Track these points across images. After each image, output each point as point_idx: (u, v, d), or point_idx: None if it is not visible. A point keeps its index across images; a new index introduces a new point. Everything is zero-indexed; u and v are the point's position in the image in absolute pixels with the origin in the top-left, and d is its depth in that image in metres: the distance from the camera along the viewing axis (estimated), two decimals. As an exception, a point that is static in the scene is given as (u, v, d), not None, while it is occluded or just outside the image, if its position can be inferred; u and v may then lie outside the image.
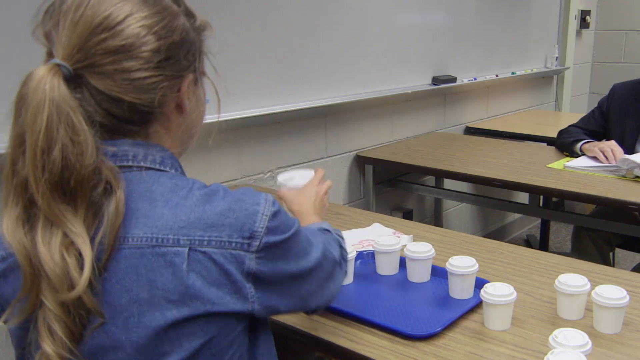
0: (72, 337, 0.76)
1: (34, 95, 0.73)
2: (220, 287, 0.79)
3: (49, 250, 0.74)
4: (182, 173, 0.89)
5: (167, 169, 0.85)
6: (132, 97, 0.79)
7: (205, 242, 0.78)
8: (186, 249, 0.77)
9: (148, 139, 0.85)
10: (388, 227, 1.81)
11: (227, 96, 0.98)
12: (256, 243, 0.80)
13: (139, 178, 0.82)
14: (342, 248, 1.07)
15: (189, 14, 0.88)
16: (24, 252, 0.74)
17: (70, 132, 0.74)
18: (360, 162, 2.82)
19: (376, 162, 2.78)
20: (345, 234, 1.75)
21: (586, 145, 2.50)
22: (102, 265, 0.77)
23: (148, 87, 0.80)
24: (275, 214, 0.83)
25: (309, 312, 1.02)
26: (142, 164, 0.83)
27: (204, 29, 0.91)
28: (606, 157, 2.36)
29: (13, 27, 1.61)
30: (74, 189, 0.74)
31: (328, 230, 1.09)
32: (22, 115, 0.74)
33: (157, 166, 0.84)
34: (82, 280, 0.73)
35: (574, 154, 2.57)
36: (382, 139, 2.97)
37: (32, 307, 0.76)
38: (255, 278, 0.81)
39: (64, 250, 0.74)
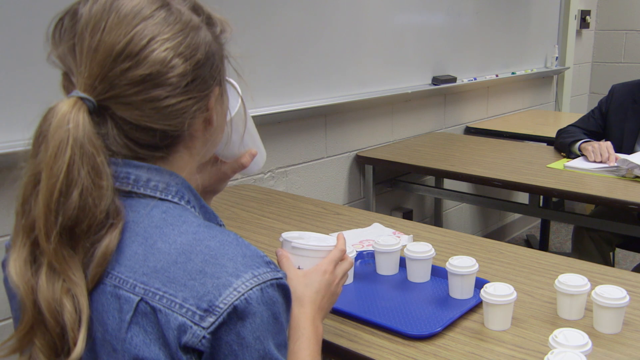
0: None
1: (56, 133, 0.69)
2: (161, 347, 0.69)
3: (52, 296, 0.70)
4: (192, 201, 0.81)
5: (169, 197, 0.77)
6: (163, 124, 0.74)
7: (157, 297, 0.69)
8: (137, 299, 0.70)
9: (167, 162, 0.79)
10: (388, 227, 1.81)
11: (251, 101, 0.95)
12: (211, 320, 0.67)
13: (133, 206, 0.75)
14: None
15: (210, 22, 0.81)
16: (31, 296, 0.71)
17: (93, 174, 0.69)
18: (360, 162, 2.82)
19: (376, 162, 2.78)
20: (345, 234, 1.75)
21: (584, 145, 2.50)
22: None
23: (178, 113, 0.75)
24: (251, 300, 0.68)
25: None
26: (141, 190, 0.76)
27: (223, 32, 0.84)
28: (597, 155, 2.37)
29: (13, 28, 1.61)
30: (82, 232, 0.70)
31: None
32: (41, 153, 0.69)
33: (158, 194, 0.77)
34: (79, 343, 0.69)
35: (571, 154, 2.57)
36: (382, 139, 2.97)
37: (22, 347, 0.73)
38: (193, 355, 0.69)
39: (64, 297, 0.70)
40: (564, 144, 2.63)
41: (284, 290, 0.73)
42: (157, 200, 0.76)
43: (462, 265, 1.31)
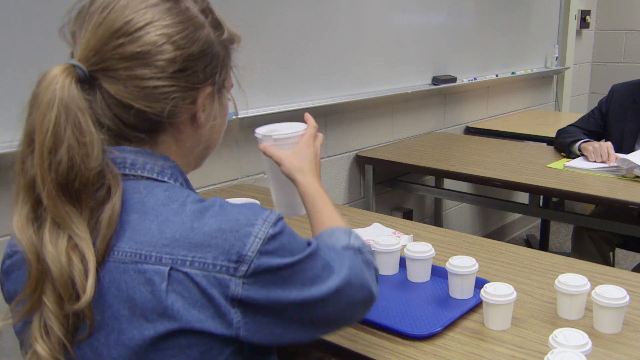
0: (66, 341, 0.75)
1: (45, 93, 0.74)
2: (201, 309, 0.74)
3: (56, 251, 0.73)
4: (184, 184, 0.86)
5: (166, 179, 0.83)
6: (142, 104, 0.78)
7: (187, 263, 0.74)
8: (167, 268, 0.74)
9: (155, 148, 0.84)
10: (388, 227, 1.81)
11: (245, 109, 1.00)
12: (244, 268, 0.75)
13: (134, 188, 0.80)
14: (375, 270, 0.98)
15: (217, 26, 0.86)
16: (34, 250, 0.74)
17: (77, 133, 0.73)
18: (360, 162, 2.82)
19: (376, 162, 2.78)
20: (345, 234, 1.75)
21: (584, 145, 2.50)
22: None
23: (159, 96, 0.79)
24: (273, 237, 0.77)
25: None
26: (139, 172, 0.81)
27: (232, 41, 0.89)
28: (597, 155, 2.37)
29: (13, 28, 1.61)
30: (78, 190, 0.74)
31: (359, 250, 0.97)
32: (33, 113, 0.75)
33: (155, 176, 0.82)
34: (88, 289, 0.73)
35: (571, 154, 2.57)
36: (382, 139, 2.97)
37: (33, 307, 0.75)
38: (243, 304, 0.76)
39: (70, 252, 0.73)
40: (563, 144, 2.63)
41: (282, 219, 0.82)
42: (153, 181, 0.81)
43: (462, 265, 1.31)
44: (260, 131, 1.19)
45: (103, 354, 0.76)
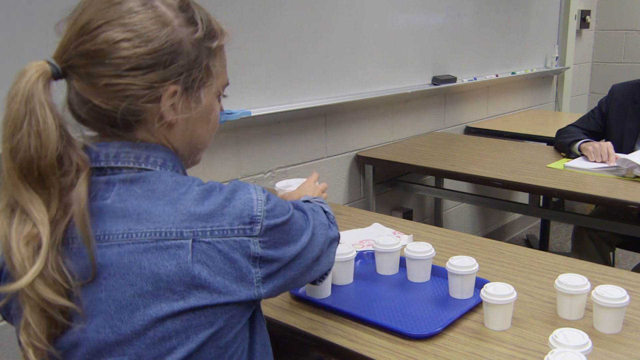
0: (50, 330, 0.78)
1: (13, 88, 0.78)
2: (225, 275, 0.81)
3: (17, 239, 0.77)
4: (179, 171, 0.90)
5: (168, 170, 0.87)
6: (100, 101, 0.81)
7: (208, 233, 0.80)
8: (189, 241, 0.79)
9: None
10: (388, 227, 1.81)
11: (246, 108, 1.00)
12: (257, 227, 0.83)
13: (142, 179, 0.84)
14: (326, 212, 1.07)
15: (191, 22, 0.85)
16: (4, 239, 0.78)
17: (34, 124, 0.76)
18: (360, 162, 2.82)
19: (376, 162, 2.78)
20: (345, 234, 1.75)
21: (584, 145, 2.50)
22: (91, 261, 0.79)
23: (114, 94, 0.81)
24: (268, 199, 0.86)
25: (316, 280, 1.04)
26: (143, 165, 0.85)
27: (211, 38, 0.88)
28: (597, 155, 2.37)
29: (13, 28, 1.61)
30: (39, 176, 0.77)
31: (308, 201, 1.11)
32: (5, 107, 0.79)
33: (158, 168, 0.86)
34: (28, 274, 0.75)
35: (571, 154, 2.57)
36: (382, 139, 2.97)
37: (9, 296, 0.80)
38: (262, 261, 0.84)
39: (29, 240, 0.77)
40: (563, 144, 2.63)
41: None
42: (160, 171, 0.85)
43: (462, 265, 1.31)
44: (279, 185, 1.57)
45: (127, 332, 0.79)
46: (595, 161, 2.39)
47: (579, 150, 2.53)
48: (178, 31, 0.83)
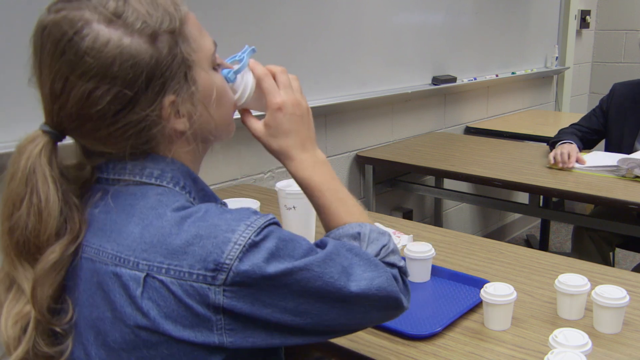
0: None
1: (12, 165, 0.76)
2: (178, 318, 0.71)
3: (7, 317, 0.76)
4: (188, 186, 0.82)
5: (164, 183, 0.79)
6: (110, 148, 0.78)
7: (163, 270, 0.71)
8: (143, 275, 0.72)
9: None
10: (388, 227, 1.81)
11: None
12: (222, 276, 0.70)
13: (129, 191, 0.79)
14: (403, 274, 0.91)
15: (134, 27, 0.73)
16: None
17: (35, 202, 0.75)
18: (360, 162, 2.82)
19: (376, 162, 2.78)
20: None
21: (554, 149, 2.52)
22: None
23: (117, 139, 0.76)
24: (255, 244, 0.71)
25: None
26: (137, 178, 0.79)
27: (165, 26, 0.76)
28: (558, 162, 2.40)
29: (13, 28, 1.61)
30: (34, 253, 0.75)
31: (392, 264, 0.89)
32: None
33: (153, 180, 0.79)
34: (13, 356, 0.75)
35: None
36: (382, 139, 2.97)
37: None
38: (228, 312, 0.71)
39: (18, 319, 0.76)
40: (553, 143, 2.63)
41: (278, 225, 0.76)
42: (152, 186, 0.79)
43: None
44: (279, 185, 1.56)
45: (92, 353, 0.76)
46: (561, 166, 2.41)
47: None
48: (131, 45, 0.72)
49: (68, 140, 0.81)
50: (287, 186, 1.55)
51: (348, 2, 2.63)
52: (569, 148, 2.43)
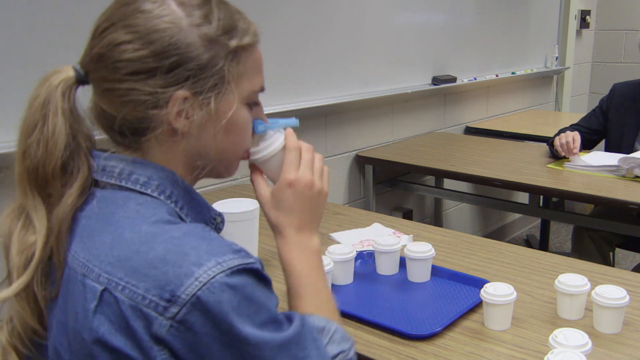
0: (30, 334, 0.78)
1: (35, 91, 0.78)
2: (126, 337, 0.68)
3: (17, 243, 0.77)
4: (174, 194, 0.79)
5: (149, 191, 0.77)
6: (104, 105, 0.79)
7: (120, 287, 0.68)
8: (101, 288, 0.69)
9: (146, 157, 0.80)
10: (388, 227, 1.81)
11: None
12: (174, 310, 0.66)
13: (114, 197, 0.77)
14: None
15: (205, 21, 0.77)
16: (6, 240, 0.78)
17: (45, 131, 0.76)
18: (360, 162, 2.82)
19: (376, 162, 2.78)
20: (345, 234, 1.75)
21: (555, 140, 2.52)
22: (58, 279, 0.77)
23: (116, 99, 0.77)
24: (222, 287, 0.66)
25: None
26: (123, 183, 0.77)
27: (229, 36, 0.78)
28: (564, 151, 2.43)
29: (13, 28, 1.61)
30: (42, 182, 0.77)
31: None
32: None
33: (138, 187, 0.77)
34: (14, 285, 0.75)
35: (552, 153, 2.58)
36: (382, 139, 2.97)
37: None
38: (166, 346, 0.67)
39: (25, 248, 0.76)
40: (549, 143, 2.63)
41: (256, 273, 0.70)
42: (136, 193, 0.77)
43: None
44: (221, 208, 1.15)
45: (65, 358, 0.75)
46: (566, 156, 2.44)
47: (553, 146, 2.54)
48: (186, 31, 0.75)
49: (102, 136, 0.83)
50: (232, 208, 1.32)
51: (350, 2, 2.63)
52: (572, 134, 2.44)
